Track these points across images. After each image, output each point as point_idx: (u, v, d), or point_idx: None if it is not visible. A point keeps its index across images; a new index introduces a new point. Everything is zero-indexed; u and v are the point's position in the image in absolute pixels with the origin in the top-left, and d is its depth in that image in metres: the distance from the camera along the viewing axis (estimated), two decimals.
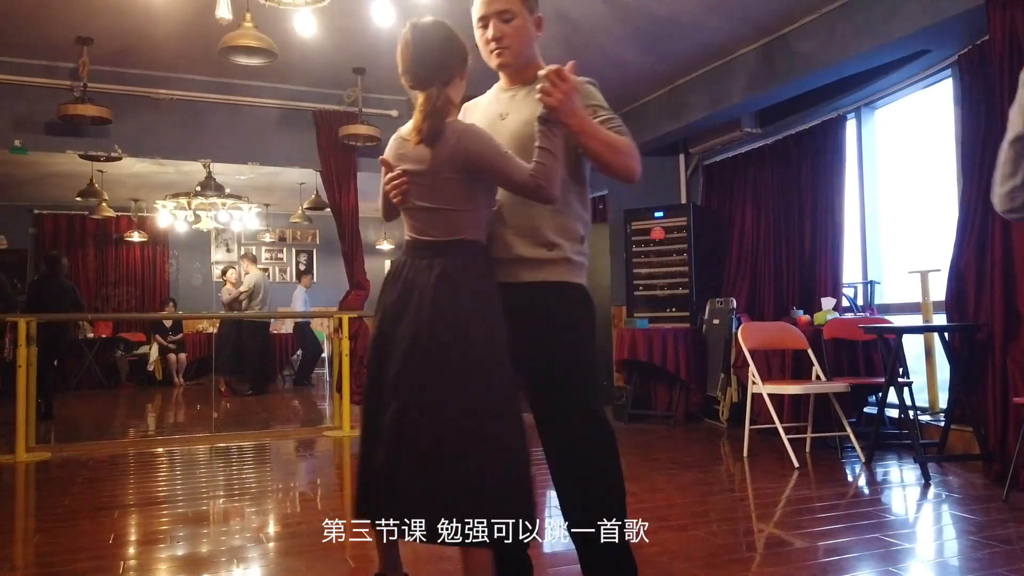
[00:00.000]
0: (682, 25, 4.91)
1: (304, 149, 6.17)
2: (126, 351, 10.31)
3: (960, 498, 3.47)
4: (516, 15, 2.00)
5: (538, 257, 1.97)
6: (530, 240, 1.97)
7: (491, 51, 2.02)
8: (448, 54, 1.92)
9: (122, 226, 10.59)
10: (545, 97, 1.81)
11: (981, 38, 4.03)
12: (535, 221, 1.97)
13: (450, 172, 1.86)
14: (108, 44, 5.13)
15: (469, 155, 1.85)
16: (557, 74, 1.81)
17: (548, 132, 1.84)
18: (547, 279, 1.98)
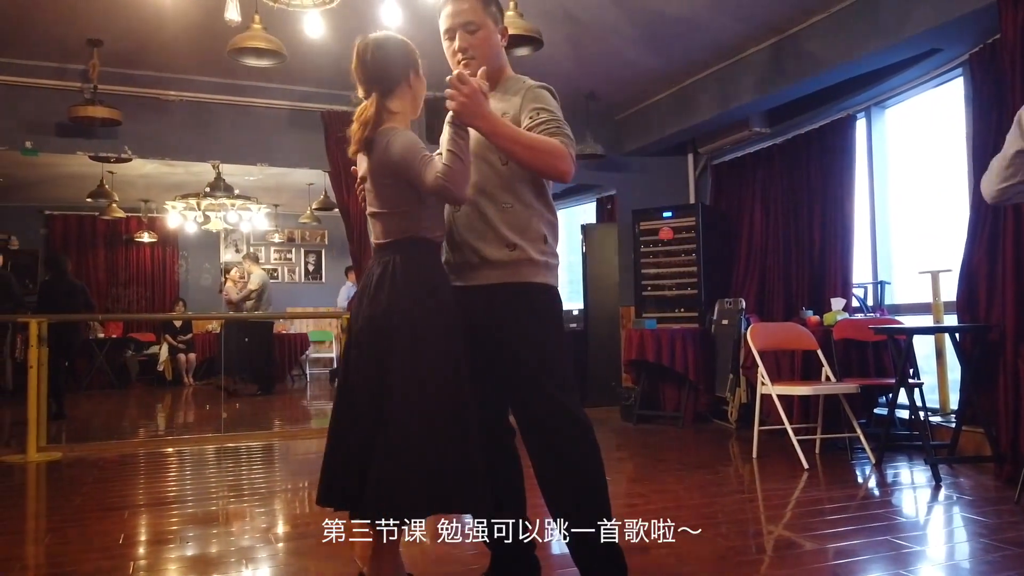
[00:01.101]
0: (691, 25, 4.89)
1: (313, 150, 6.18)
2: (136, 351, 10.36)
3: (971, 500, 3.45)
4: (480, 26, 2.06)
5: (501, 259, 2.01)
6: (492, 242, 2.02)
7: (458, 61, 2.08)
8: (386, 65, 2.02)
9: (132, 227, 10.65)
10: (449, 103, 1.87)
11: (992, 37, 4.00)
12: (494, 223, 2.02)
13: (383, 177, 1.97)
14: (118, 46, 5.16)
15: (393, 159, 1.94)
16: (458, 79, 1.87)
17: (454, 135, 1.89)
18: (511, 280, 2.02)
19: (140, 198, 9.93)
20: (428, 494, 1.87)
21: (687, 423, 5.81)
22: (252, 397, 8.57)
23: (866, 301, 5.16)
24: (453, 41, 2.08)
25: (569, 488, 2.00)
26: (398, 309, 1.92)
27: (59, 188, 9.18)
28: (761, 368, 4.45)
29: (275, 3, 3.37)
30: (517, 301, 2.02)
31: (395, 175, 1.95)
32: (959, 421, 4.15)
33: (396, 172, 1.94)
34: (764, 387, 4.41)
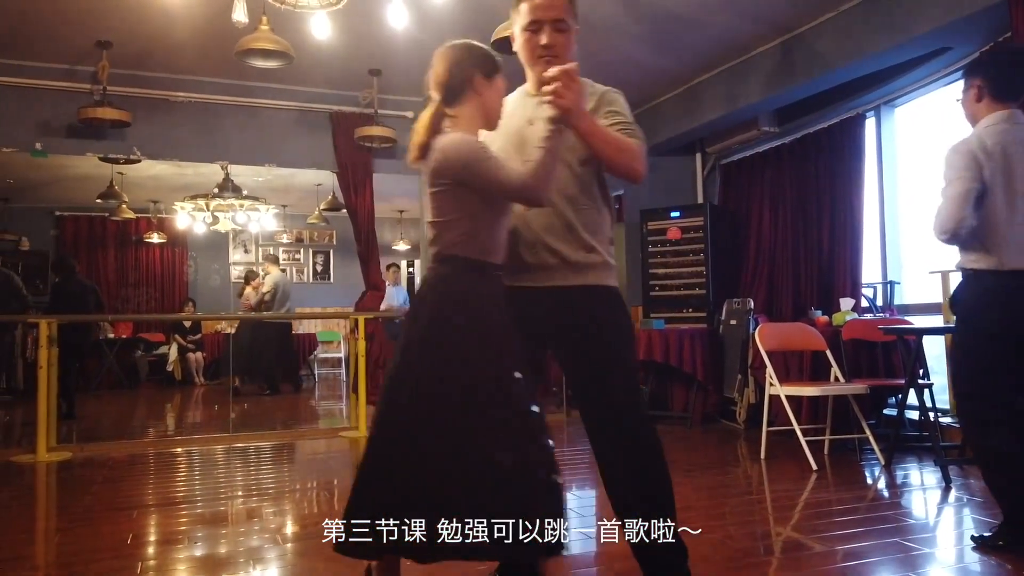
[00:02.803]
0: (698, 24, 4.88)
1: (320, 151, 6.21)
2: (146, 351, 10.42)
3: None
4: (569, 26, 2.02)
5: (580, 260, 1.99)
6: (571, 244, 1.99)
7: (539, 57, 2.01)
8: (448, 69, 1.94)
9: (142, 227, 10.71)
10: (557, 100, 1.79)
11: (1003, 35, 3.97)
12: (574, 225, 1.99)
13: (438, 184, 1.88)
14: (127, 48, 5.19)
15: (452, 164, 1.85)
16: (568, 75, 1.79)
17: (553, 133, 1.83)
18: (591, 283, 2.00)
19: (149, 199, 9.99)
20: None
21: (695, 423, 5.80)
22: (260, 397, 8.59)
23: (875, 301, 5.14)
24: (537, 35, 1.99)
25: (644, 487, 2.01)
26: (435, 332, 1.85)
27: (69, 189, 9.24)
28: (769, 368, 4.43)
29: (282, 4, 3.38)
30: (599, 304, 2.02)
31: (454, 181, 1.85)
32: None
33: (456, 178, 1.85)
34: (773, 387, 4.39)
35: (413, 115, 6.34)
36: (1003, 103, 2.68)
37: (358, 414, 5.68)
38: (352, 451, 5.16)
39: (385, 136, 5.95)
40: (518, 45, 2.07)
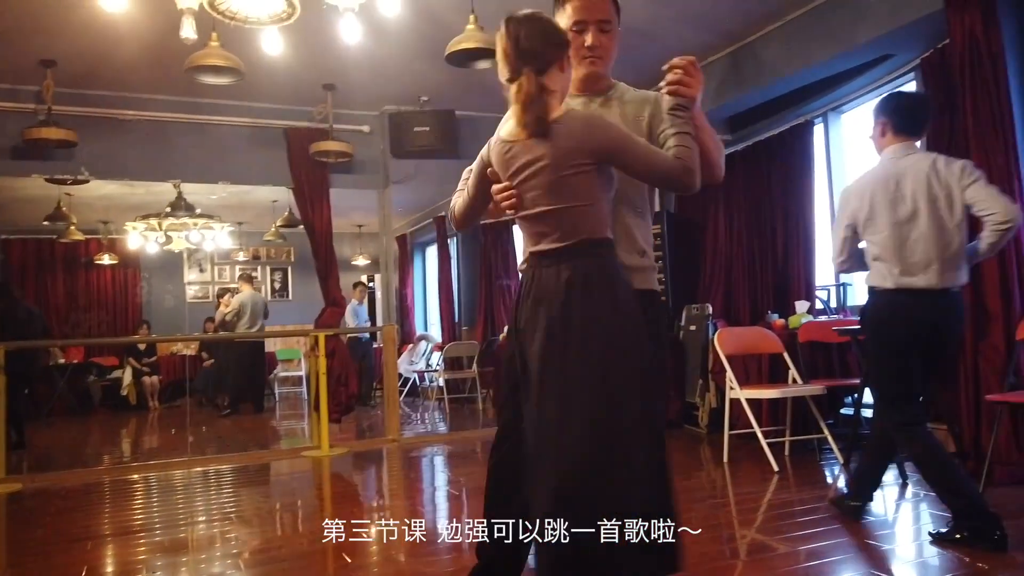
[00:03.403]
0: (651, 34, 4.95)
1: (275, 167, 6.13)
2: (99, 376, 10.13)
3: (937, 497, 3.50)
4: (614, 27, 2.02)
5: (635, 265, 1.98)
6: (629, 247, 1.97)
7: (583, 57, 2.00)
8: (542, 42, 1.81)
9: (92, 249, 10.43)
10: (683, 88, 1.84)
11: (942, 42, 4.10)
12: (630, 228, 1.98)
13: (576, 164, 1.73)
14: (72, 66, 5.07)
15: (600, 143, 1.75)
16: (693, 66, 1.84)
17: (685, 119, 1.82)
18: (645, 287, 1.99)
19: (99, 220, 9.74)
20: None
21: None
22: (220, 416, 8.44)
23: (829, 303, 5.24)
24: (582, 35, 1.98)
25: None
26: (598, 329, 1.72)
27: (15, 212, 8.96)
28: (729, 372, 4.49)
29: (231, 20, 3.34)
30: (653, 308, 2.00)
31: (595, 160, 1.74)
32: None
33: (598, 156, 1.74)
34: (733, 391, 4.45)
35: (369, 129, 6.32)
36: (904, 137, 2.98)
37: (320, 433, 5.60)
38: (315, 470, 5.08)
39: (341, 151, 5.91)
40: None
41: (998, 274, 3.60)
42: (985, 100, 3.65)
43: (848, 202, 2.99)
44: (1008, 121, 3.61)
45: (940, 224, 2.79)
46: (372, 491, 4.46)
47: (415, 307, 11.24)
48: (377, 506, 4.06)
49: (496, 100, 1.93)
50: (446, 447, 5.85)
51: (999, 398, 3.38)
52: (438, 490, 4.52)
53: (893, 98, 3.11)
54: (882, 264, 2.88)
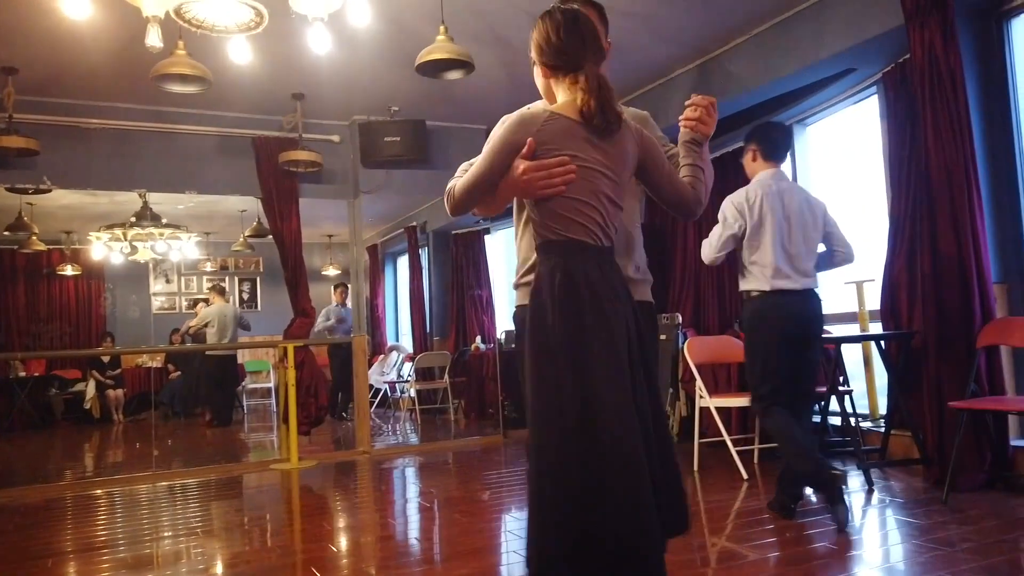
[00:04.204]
0: (620, 48, 4.98)
1: (244, 176, 6.07)
2: (60, 389, 9.91)
3: (903, 502, 3.56)
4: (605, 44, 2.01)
5: (635, 277, 2.02)
6: (627, 260, 2.01)
7: None
8: (598, 37, 1.80)
9: (54, 260, 10.22)
10: (701, 126, 1.89)
11: (903, 56, 4.20)
12: (632, 242, 2.03)
13: (627, 165, 1.73)
14: (34, 74, 4.99)
15: (646, 151, 1.76)
16: (713, 106, 1.91)
17: (700, 154, 1.88)
18: (644, 299, 2.04)
19: (62, 230, 9.56)
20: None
21: None
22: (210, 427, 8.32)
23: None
24: None
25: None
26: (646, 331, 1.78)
27: None
28: (699, 381, 4.53)
29: (198, 29, 3.30)
30: (652, 320, 2.08)
31: (639, 170, 1.76)
32: (888, 426, 4.31)
33: (641, 163, 1.75)
34: (703, 400, 4.49)
35: (339, 139, 6.29)
36: (773, 163, 3.52)
37: (289, 445, 5.53)
38: (284, 483, 5.02)
39: (311, 160, 5.87)
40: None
41: (959, 285, 3.68)
42: (944, 113, 3.74)
43: (739, 212, 3.42)
44: (967, 133, 3.70)
45: (808, 241, 3.43)
46: (342, 504, 4.41)
47: (386, 317, 11.18)
48: (347, 519, 4.01)
49: (466, 110, 1.93)
50: (418, 458, 5.81)
51: (961, 405, 3.45)
52: (409, 502, 4.49)
53: (761, 128, 3.63)
54: (758, 268, 3.40)
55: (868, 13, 4.17)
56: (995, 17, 3.99)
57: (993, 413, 3.60)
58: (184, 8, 3.19)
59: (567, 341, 1.61)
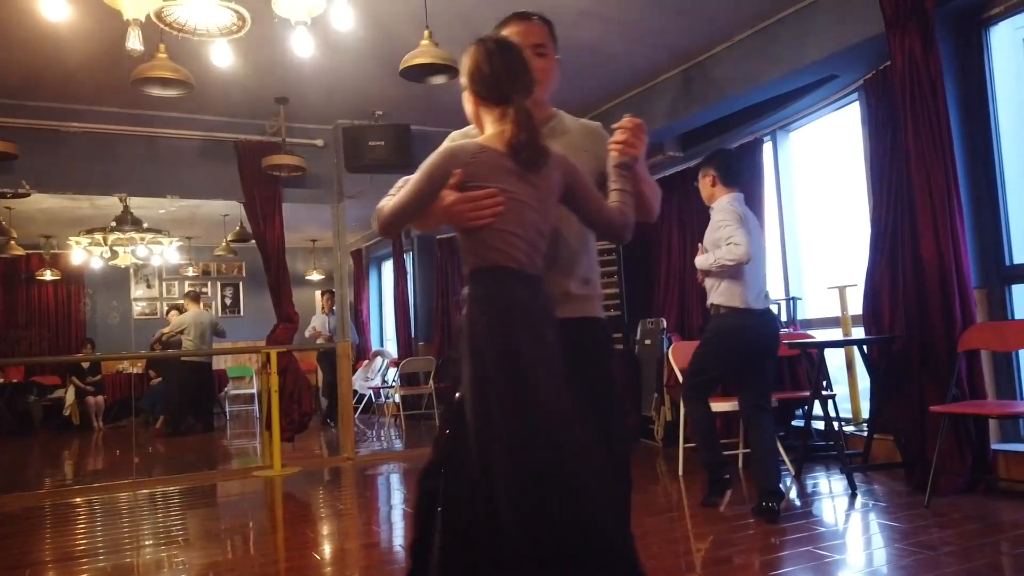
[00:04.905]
0: (603, 53, 5.01)
1: (226, 180, 6.03)
2: (39, 396, 9.79)
3: (885, 506, 3.58)
4: (549, 52, 2.03)
5: (580, 293, 1.99)
6: (574, 277, 1.98)
7: None
8: (528, 70, 1.81)
9: (33, 265, 10.10)
10: (629, 148, 1.87)
11: (884, 63, 4.24)
12: (575, 257, 1.99)
13: (552, 195, 1.76)
14: (11, 77, 4.93)
15: (571, 180, 1.78)
16: (641, 129, 1.89)
17: (628, 177, 1.87)
18: (589, 315, 2.00)
19: (41, 234, 9.45)
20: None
21: None
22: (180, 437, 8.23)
23: (780, 317, 5.34)
24: None
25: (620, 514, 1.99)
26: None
27: None
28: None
29: (180, 32, 3.27)
30: (599, 335, 2.02)
31: (562, 196, 1.78)
32: (871, 430, 4.33)
33: (565, 193, 1.77)
34: None
35: (323, 143, 6.26)
36: (732, 188, 3.73)
37: (272, 452, 5.48)
38: (267, 490, 4.97)
39: (294, 165, 5.83)
40: None
41: (940, 290, 3.72)
42: (925, 119, 3.77)
43: (741, 220, 3.59)
44: (947, 140, 3.74)
45: (764, 263, 3.76)
46: (325, 511, 4.37)
47: (371, 322, 11.14)
48: (331, 526, 3.98)
49: (450, 114, 1.93)
50: (402, 464, 5.78)
51: (942, 409, 3.48)
52: (394, 508, 4.46)
53: (719, 155, 3.84)
54: (736, 286, 3.59)
55: (849, 20, 4.20)
56: (975, 24, 4.03)
57: (974, 417, 3.63)
58: (166, 11, 3.16)
59: (504, 365, 1.63)
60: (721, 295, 3.65)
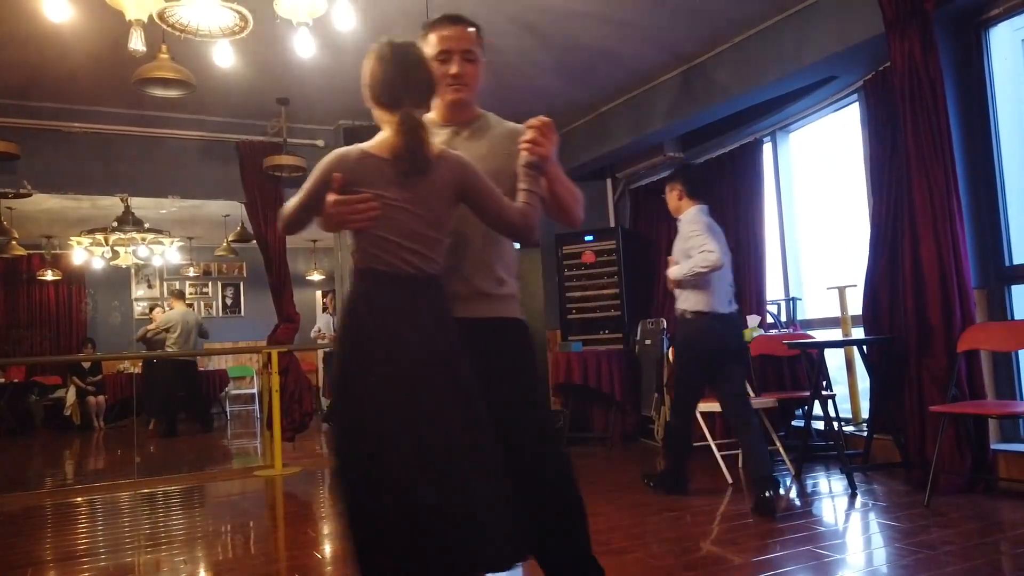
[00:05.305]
0: (603, 54, 5.02)
1: (227, 181, 6.04)
2: (40, 396, 9.80)
3: (885, 506, 3.59)
4: (477, 57, 2.06)
5: (492, 292, 2.01)
6: (484, 275, 2.00)
7: (448, 85, 2.03)
8: (425, 76, 1.86)
9: (34, 265, 10.12)
10: (536, 148, 1.88)
11: (883, 64, 4.25)
12: (488, 257, 2.01)
13: (443, 199, 1.79)
14: (14, 77, 4.94)
15: (465, 185, 1.80)
16: (549, 127, 1.90)
17: (535, 177, 1.89)
18: (502, 315, 2.03)
19: (42, 234, 9.46)
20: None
21: (615, 443, 5.87)
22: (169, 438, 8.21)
23: (780, 317, 5.35)
24: (446, 64, 2.01)
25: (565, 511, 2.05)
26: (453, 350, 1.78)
27: None
28: None
29: (182, 33, 3.28)
30: (510, 336, 2.04)
31: (456, 198, 1.81)
32: (870, 430, 4.34)
33: (460, 195, 1.81)
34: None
35: (324, 143, 6.27)
36: (697, 200, 3.98)
37: (273, 451, 5.49)
38: (268, 490, 4.98)
39: (295, 165, 5.84)
40: None
41: (939, 290, 3.72)
42: (925, 120, 3.78)
43: (710, 229, 3.82)
44: (946, 140, 3.75)
45: (729, 270, 3.87)
46: (326, 510, 4.38)
47: None
48: (332, 525, 3.99)
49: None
50: None
51: (942, 409, 3.49)
52: None
53: (683, 170, 4.11)
54: (704, 293, 3.79)
55: (849, 22, 4.21)
56: (974, 26, 4.04)
57: (974, 417, 3.64)
58: (168, 12, 3.17)
59: (345, 362, 1.75)
60: (687, 301, 3.86)
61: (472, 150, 1.98)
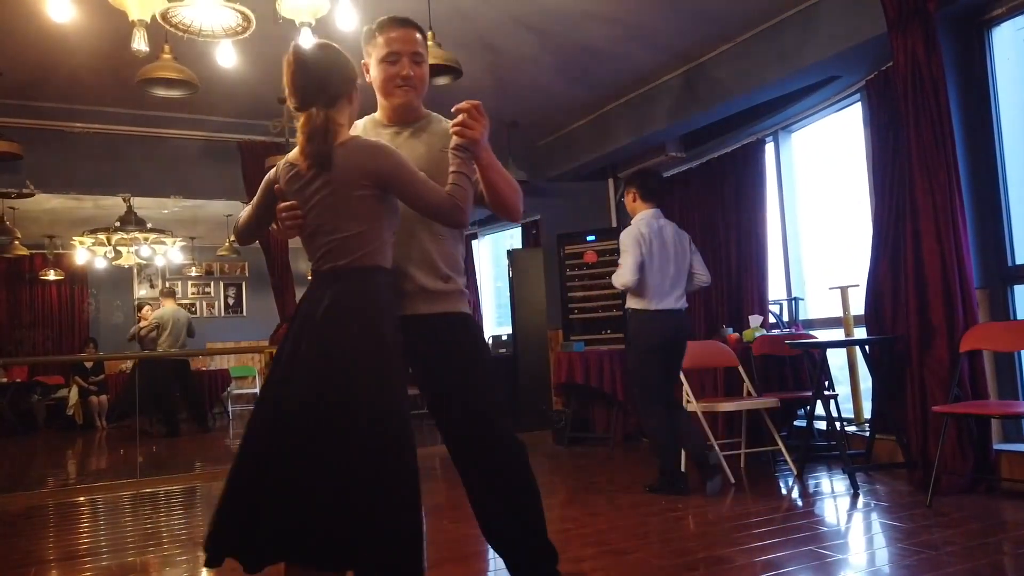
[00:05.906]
0: (606, 54, 5.03)
1: (229, 181, 6.04)
2: (43, 395, 9.81)
3: (888, 506, 3.59)
4: (425, 59, 2.11)
5: (437, 289, 2.04)
6: (428, 272, 2.04)
7: (397, 86, 2.07)
8: (333, 75, 1.89)
9: (37, 264, 10.13)
10: (466, 130, 1.89)
11: (886, 64, 4.24)
12: (430, 253, 2.04)
13: (354, 190, 1.82)
14: (17, 77, 4.95)
15: (380, 172, 1.83)
16: (477, 110, 1.91)
17: (465, 159, 1.90)
18: (448, 310, 2.06)
19: (45, 234, 9.47)
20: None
21: (617, 443, 5.87)
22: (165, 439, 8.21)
23: (782, 317, 5.35)
24: (394, 66, 2.06)
25: (520, 504, 2.08)
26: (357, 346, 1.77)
27: None
28: (685, 386, 4.54)
29: (185, 33, 3.29)
30: (455, 331, 2.08)
31: (374, 186, 1.82)
32: (872, 430, 4.34)
33: (377, 183, 1.82)
34: (689, 404, 4.50)
35: None
36: (651, 204, 4.19)
37: None
38: None
39: None
40: (374, 76, 2.13)
41: (942, 290, 3.72)
42: (927, 120, 3.78)
43: (638, 243, 4.03)
44: (949, 140, 3.74)
45: (679, 268, 4.09)
46: None
47: None
48: None
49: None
50: None
51: (944, 409, 3.48)
52: None
53: (639, 175, 4.31)
54: (647, 291, 4.03)
55: (852, 21, 4.21)
56: (976, 25, 4.04)
57: (976, 417, 3.63)
58: (171, 12, 3.17)
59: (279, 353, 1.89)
60: (630, 299, 4.15)
61: (411, 149, 2.02)
